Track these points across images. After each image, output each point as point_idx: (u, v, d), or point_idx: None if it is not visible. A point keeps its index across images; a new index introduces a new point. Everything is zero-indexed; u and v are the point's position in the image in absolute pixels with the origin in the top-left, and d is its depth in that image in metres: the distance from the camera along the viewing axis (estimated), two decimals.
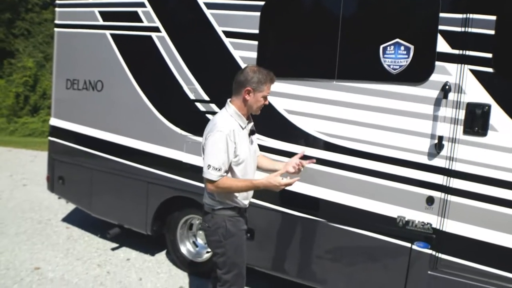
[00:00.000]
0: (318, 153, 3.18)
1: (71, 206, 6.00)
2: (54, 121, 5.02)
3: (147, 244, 4.68)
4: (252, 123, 2.63)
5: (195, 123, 3.78)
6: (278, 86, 3.29)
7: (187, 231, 4.26)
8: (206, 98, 3.68)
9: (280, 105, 3.33)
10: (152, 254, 4.62)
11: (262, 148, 3.35)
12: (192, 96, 3.75)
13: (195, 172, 3.70)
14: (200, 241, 4.24)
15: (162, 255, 4.61)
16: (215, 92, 3.66)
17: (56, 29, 4.95)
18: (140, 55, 4.16)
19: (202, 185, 3.63)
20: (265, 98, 2.51)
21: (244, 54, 3.48)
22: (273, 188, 2.44)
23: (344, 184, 3.12)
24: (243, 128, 2.50)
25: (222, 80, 3.57)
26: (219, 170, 2.38)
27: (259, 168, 2.80)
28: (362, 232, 3.09)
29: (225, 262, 2.58)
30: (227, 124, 2.42)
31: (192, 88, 3.75)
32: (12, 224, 5.44)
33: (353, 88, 3.06)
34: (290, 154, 3.25)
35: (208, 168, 2.39)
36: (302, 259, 3.40)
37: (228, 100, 2.56)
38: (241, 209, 2.64)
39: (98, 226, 5.18)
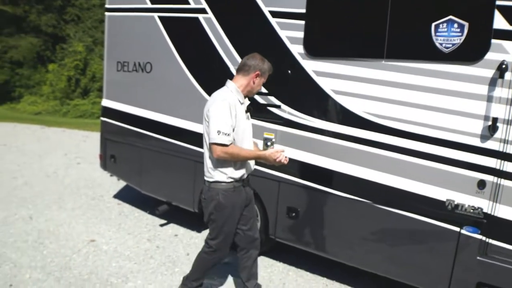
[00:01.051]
0: (366, 135, 3.16)
1: (122, 184, 6.33)
2: (105, 102, 5.26)
3: (194, 221, 4.85)
4: (248, 102, 2.85)
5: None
6: (325, 66, 3.27)
7: None
8: None
9: (327, 85, 3.31)
10: (199, 231, 4.79)
11: (309, 128, 3.37)
12: None
13: None
14: None
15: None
16: None
17: (106, 13, 5.13)
18: (187, 37, 4.25)
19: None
20: (263, 83, 2.85)
21: (290, 34, 3.47)
22: (270, 162, 2.74)
23: (392, 166, 3.08)
24: (241, 103, 2.73)
25: (269, 60, 3.64)
26: (229, 134, 2.57)
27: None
28: (409, 215, 3.06)
29: (213, 229, 2.83)
30: (229, 97, 2.65)
31: None
32: (69, 200, 5.81)
33: (402, 68, 2.99)
34: (337, 135, 3.25)
35: (218, 134, 2.54)
36: (347, 240, 3.41)
37: (228, 80, 2.80)
38: (237, 184, 2.76)
39: (147, 202, 5.43)
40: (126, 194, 6.07)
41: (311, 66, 3.37)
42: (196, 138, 4.15)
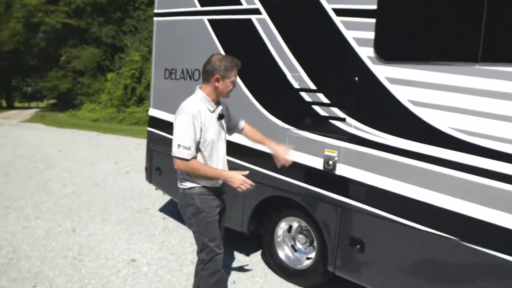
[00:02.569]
0: (454, 156, 2.55)
1: (168, 196, 6.03)
2: (152, 112, 4.98)
3: (243, 242, 4.40)
4: (221, 107, 2.73)
5: (299, 115, 3.36)
6: (401, 72, 2.72)
7: (285, 233, 3.89)
8: (313, 87, 3.22)
9: (404, 95, 2.74)
10: (247, 253, 4.34)
11: (380, 146, 2.82)
12: (296, 85, 3.32)
13: (298, 170, 3.30)
14: (300, 245, 3.83)
15: (257, 256, 4.30)
16: (323, 80, 3.19)
17: (155, 18, 4.88)
18: (238, 40, 3.85)
19: (306, 185, 3.32)
20: (233, 83, 2.65)
21: (358, 34, 2.95)
22: (231, 184, 2.57)
23: (487, 196, 2.45)
24: (211, 112, 2.63)
25: (331, 66, 3.14)
26: (189, 148, 2.51)
27: (247, 138, 3.06)
28: (506, 257, 2.40)
29: (198, 239, 2.74)
30: (194, 107, 2.56)
31: (297, 75, 3.32)
32: (114, 212, 5.59)
33: (502, 74, 2.36)
34: (415, 156, 2.68)
35: (179, 148, 2.51)
36: (424, 282, 2.79)
37: (198, 87, 2.68)
38: (211, 188, 2.70)
39: None
40: (172, 209, 5.75)
41: (383, 72, 2.82)
42: (246, 153, 3.74)
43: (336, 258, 3.22)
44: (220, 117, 2.71)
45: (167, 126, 4.63)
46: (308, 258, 3.74)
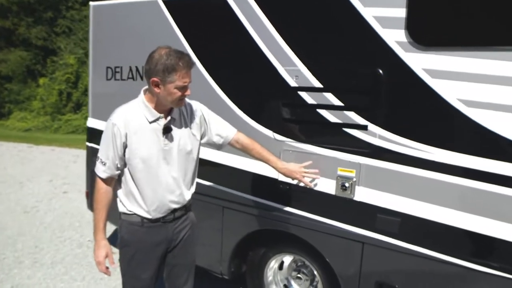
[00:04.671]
0: None
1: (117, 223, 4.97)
2: (92, 122, 3.93)
3: (216, 281, 3.50)
4: (169, 118, 2.06)
5: (299, 123, 2.54)
6: (447, 61, 1.99)
7: (276, 271, 3.05)
8: (317, 84, 2.40)
9: (451, 92, 2.01)
10: None
11: (420, 163, 2.07)
12: (293, 83, 2.49)
13: (299, 196, 2.49)
14: (296, 286, 3.01)
15: None
16: (333, 75, 2.39)
17: (91, 3, 3.84)
18: (208, 27, 2.94)
19: (306, 214, 2.52)
20: (181, 88, 1.95)
21: (380, 12, 2.18)
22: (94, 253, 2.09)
23: None
24: (150, 122, 2.02)
25: (344, 56, 2.36)
26: (104, 164, 2.02)
27: (244, 152, 2.39)
28: None
29: (122, 274, 2.21)
30: (124, 114, 2.03)
31: (293, 70, 2.49)
32: (48, 249, 4.45)
33: None
34: (472, 174, 1.97)
35: (97, 160, 2.05)
36: None
37: (143, 88, 2.09)
38: (148, 219, 2.10)
39: None
40: None
41: (420, 62, 2.08)
42: (225, 174, 2.87)
43: None
44: (166, 130, 2.04)
45: None
46: None
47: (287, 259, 3.01)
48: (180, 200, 2.16)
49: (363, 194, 2.30)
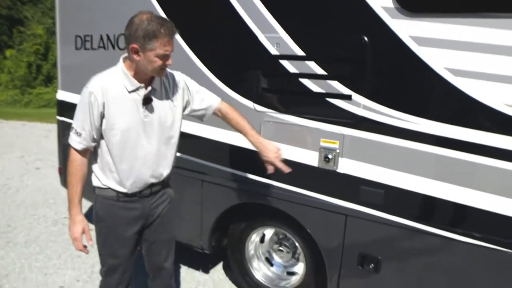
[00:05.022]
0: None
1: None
2: (62, 95, 3.74)
3: (198, 256, 3.47)
4: (150, 89, 1.93)
5: (280, 93, 2.44)
6: (434, 28, 1.92)
7: (258, 244, 3.02)
8: (300, 52, 2.29)
9: (438, 61, 1.94)
10: (206, 271, 3.42)
11: (405, 133, 2.03)
12: (274, 51, 2.38)
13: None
14: (278, 258, 2.99)
15: (219, 272, 3.41)
16: (316, 42, 2.28)
17: None
18: None
19: (288, 186, 2.47)
20: (163, 57, 1.82)
21: None
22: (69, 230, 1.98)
23: None
24: (129, 92, 1.90)
25: (327, 22, 2.25)
26: (79, 135, 1.89)
27: (227, 123, 2.24)
28: None
29: (98, 251, 2.14)
30: (102, 81, 1.89)
31: (274, 37, 2.36)
32: (22, 228, 4.28)
33: None
34: (458, 145, 1.94)
35: (71, 131, 1.92)
36: None
37: (123, 56, 1.95)
38: (124, 193, 2.00)
39: None
40: None
41: (407, 29, 1.99)
42: (204, 147, 2.77)
43: (340, 280, 2.44)
44: (147, 101, 1.92)
45: None
46: (289, 273, 2.94)
47: (269, 232, 2.98)
48: (158, 175, 2.05)
49: (346, 166, 2.25)
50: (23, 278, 3.30)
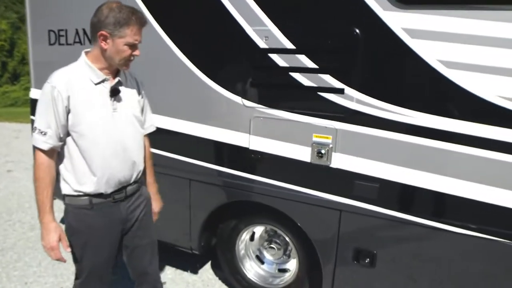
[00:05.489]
0: (506, 136, 1.84)
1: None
2: (36, 93, 3.54)
3: (185, 257, 3.39)
4: (117, 80, 1.89)
5: (270, 87, 2.38)
6: (428, 20, 1.90)
7: (247, 243, 2.97)
8: (290, 45, 2.23)
9: (430, 53, 1.93)
10: (195, 271, 3.35)
11: (399, 127, 2.01)
12: (263, 44, 2.31)
13: (273, 165, 2.38)
14: (268, 256, 2.95)
15: (208, 272, 3.34)
16: (306, 35, 2.22)
17: None
18: None
19: (280, 183, 2.42)
20: (131, 46, 1.80)
21: None
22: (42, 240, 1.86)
23: None
24: (95, 84, 1.83)
25: (318, 14, 2.20)
26: (44, 134, 1.77)
27: None
28: None
29: (75, 263, 1.98)
30: (65, 75, 1.80)
31: (262, 30, 2.29)
32: None
33: None
34: (452, 138, 1.93)
35: (34, 131, 1.80)
36: None
37: (84, 50, 1.90)
38: (97, 200, 1.88)
39: None
40: None
41: (399, 21, 1.96)
42: (191, 145, 2.69)
43: (335, 275, 2.42)
44: (114, 92, 1.85)
45: None
46: (281, 270, 2.91)
47: (258, 230, 2.93)
48: (131, 172, 1.95)
49: (340, 161, 2.22)
50: None
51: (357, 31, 2.06)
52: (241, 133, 2.45)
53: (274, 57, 2.28)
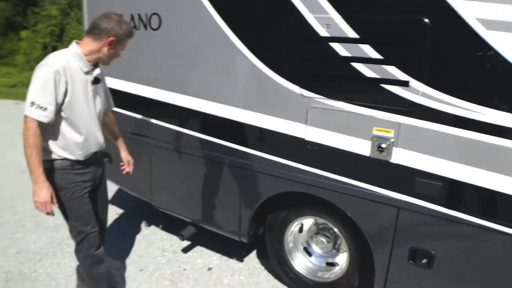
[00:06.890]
0: None
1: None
2: None
3: (230, 244, 3.41)
4: (98, 70, 2.33)
5: (330, 77, 2.31)
6: (500, 10, 1.78)
7: (296, 235, 2.94)
8: (352, 34, 2.15)
9: (509, 46, 1.79)
10: (240, 259, 3.37)
11: (471, 124, 1.90)
12: (324, 32, 2.24)
13: (329, 157, 2.32)
14: (317, 248, 2.91)
15: (254, 260, 3.36)
16: (370, 24, 2.13)
17: None
18: None
19: (337, 176, 2.36)
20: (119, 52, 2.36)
21: None
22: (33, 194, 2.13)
23: None
24: (84, 72, 2.24)
25: (383, 2, 2.11)
26: (45, 109, 2.07)
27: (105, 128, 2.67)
28: None
29: (67, 220, 2.42)
30: (63, 61, 2.15)
31: (324, 18, 2.22)
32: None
33: None
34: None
35: (31, 106, 2.06)
36: None
37: (74, 41, 2.29)
38: (77, 161, 2.31)
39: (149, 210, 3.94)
40: (125, 197, 4.53)
41: (473, 10, 1.84)
42: (243, 133, 2.67)
43: (389, 274, 2.35)
44: (96, 81, 2.30)
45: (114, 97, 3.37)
46: (329, 264, 2.87)
47: (307, 222, 2.90)
48: (100, 143, 2.42)
49: (401, 156, 2.13)
50: (57, 263, 3.29)
51: (426, 20, 1.95)
52: (297, 123, 2.41)
53: (335, 46, 2.20)
